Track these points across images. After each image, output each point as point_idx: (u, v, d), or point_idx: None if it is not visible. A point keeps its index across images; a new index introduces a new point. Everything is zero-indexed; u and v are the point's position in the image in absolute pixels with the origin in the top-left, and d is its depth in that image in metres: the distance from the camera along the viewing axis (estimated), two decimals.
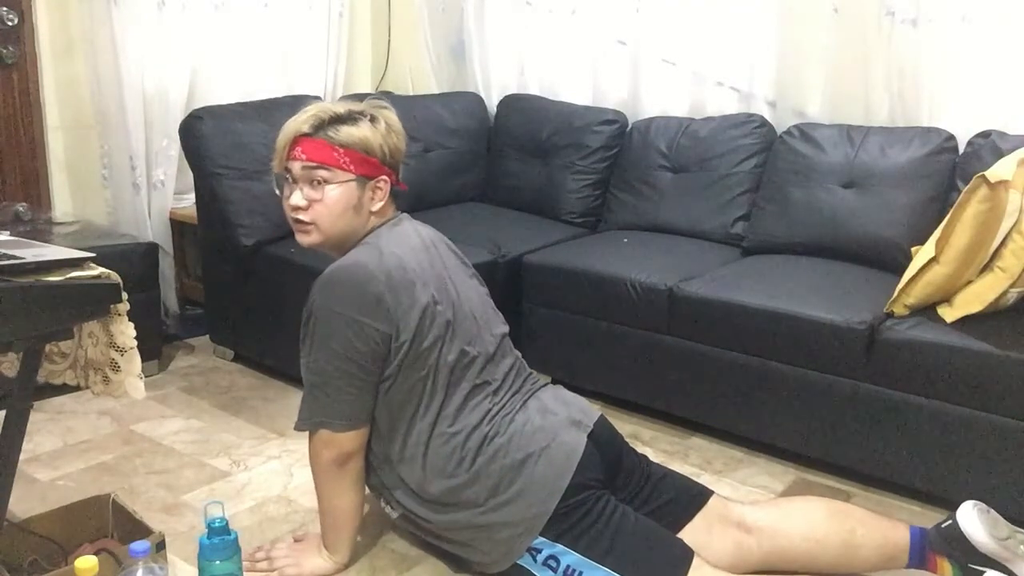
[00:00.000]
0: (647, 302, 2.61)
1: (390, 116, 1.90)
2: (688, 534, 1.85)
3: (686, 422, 2.66)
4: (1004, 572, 1.79)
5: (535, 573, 1.77)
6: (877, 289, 2.41)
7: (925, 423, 2.20)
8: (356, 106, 1.89)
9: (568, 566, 1.73)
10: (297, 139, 1.83)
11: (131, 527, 1.86)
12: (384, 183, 1.87)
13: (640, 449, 2.51)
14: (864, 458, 2.32)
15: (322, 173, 1.81)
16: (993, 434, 2.11)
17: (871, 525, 1.87)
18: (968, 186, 2.12)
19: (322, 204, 1.82)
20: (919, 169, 2.66)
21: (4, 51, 3.02)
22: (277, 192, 1.91)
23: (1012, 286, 2.14)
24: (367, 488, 1.95)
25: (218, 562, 1.72)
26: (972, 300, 2.19)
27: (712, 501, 1.92)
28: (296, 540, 2.02)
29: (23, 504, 2.04)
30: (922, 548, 1.84)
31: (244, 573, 1.82)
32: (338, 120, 1.83)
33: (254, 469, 2.41)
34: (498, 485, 1.79)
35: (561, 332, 2.85)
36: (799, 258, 2.74)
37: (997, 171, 2.10)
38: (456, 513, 1.83)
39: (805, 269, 2.65)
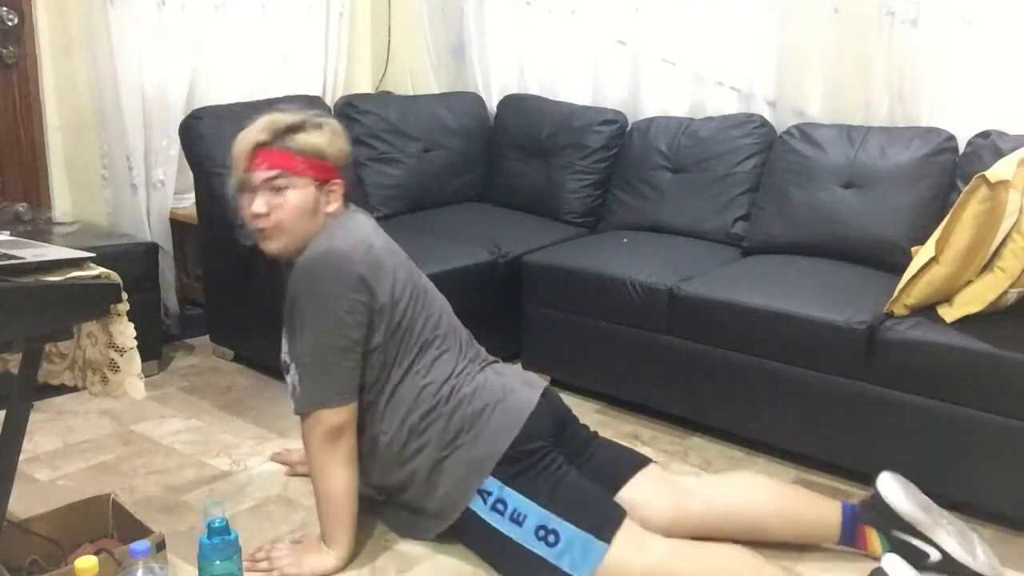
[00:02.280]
0: (647, 302, 2.61)
1: (334, 124, 2.04)
2: (628, 490, 1.97)
3: (686, 422, 2.66)
4: (930, 545, 1.90)
5: (484, 517, 1.89)
6: (877, 289, 2.40)
7: (925, 423, 2.20)
8: (302, 114, 2.00)
9: (515, 510, 1.87)
10: (256, 149, 1.93)
11: (131, 527, 1.86)
12: (338, 186, 2.00)
13: (640, 449, 2.52)
14: (864, 458, 2.31)
15: (283, 180, 1.92)
16: (993, 434, 2.11)
17: (809, 501, 2.03)
18: (968, 186, 2.12)
19: (283, 209, 1.92)
20: (919, 169, 2.66)
21: (4, 51, 3.02)
22: (233, 202, 2.02)
23: (1012, 286, 2.14)
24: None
25: (218, 562, 1.73)
26: (972, 300, 2.19)
27: (651, 467, 2.05)
28: (294, 542, 2.02)
29: (23, 504, 2.04)
30: (852, 521, 1.98)
31: (244, 573, 1.82)
32: (292, 129, 1.94)
33: (254, 469, 2.41)
34: (459, 430, 1.95)
35: (561, 332, 2.85)
36: (799, 258, 2.74)
37: (997, 171, 2.10)
38: (415, 457, 1.96)
39: (805, 269, 2.65)
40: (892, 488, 1.95)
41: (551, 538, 1.81)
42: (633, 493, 1.96)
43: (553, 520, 1.83)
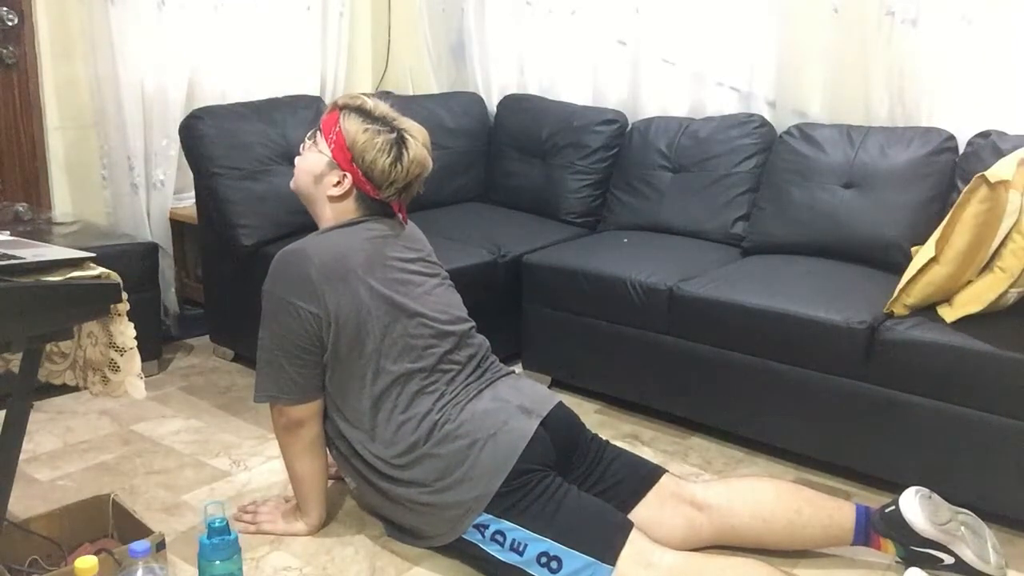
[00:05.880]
0: (647, 302, 2.61)
1: (409, 141, 2.02)
2: (642, 510, 1.94)
3: (686, 422, 2.66)
4: (945, 552, 1.91)
5: (483, 548, 1.86)
6: (877, 289, 2.41)
7: (925, 423, 2.20)
8: (392, 116, 2.03)
9: (514, 539, 1.82)
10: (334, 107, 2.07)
11: (131, 527, 1.86)
12: (346, 179, 2.00)
13: (640, 449, 2.53)
14: (864, 458, 2.32)
15: (314, 137, 2.05)
16: (993, 434, 2.11)
17: (817, 505, 1.98)
18: (968, 186, 2.13)
19: (301, 158, 2.07)
20: (919, 169, 2.66)
21: (4, 51, 3.02)
22: None
23: (1012, 286, 2.14)
24: (334, 459, 2.09)
25: (218, 562, 1.73)
26: (972, 300, 2.19)
27: (665, 479, 2.01)
28: (286, 500, 2.18)
29: (23, 504, 2.04)
30: (866, 528, 1.96)
31: (232, 523, 1.82)
32: (356, 110, 2.01)
33: (254, 469, 2.41)
34: (445, 468, 1.89)
35: (561, 332, 2.85)
36: (799, 258, 2.74)
37: (997, 171, 2.10)
38: (405, 488, 1.93)
39: (805, 269, 2.65)
40: (914, 508, 1.90)
41: (554, 564, 1.77)
42: (646, 512, 1.93)
43: (555, 547, 1.78)
